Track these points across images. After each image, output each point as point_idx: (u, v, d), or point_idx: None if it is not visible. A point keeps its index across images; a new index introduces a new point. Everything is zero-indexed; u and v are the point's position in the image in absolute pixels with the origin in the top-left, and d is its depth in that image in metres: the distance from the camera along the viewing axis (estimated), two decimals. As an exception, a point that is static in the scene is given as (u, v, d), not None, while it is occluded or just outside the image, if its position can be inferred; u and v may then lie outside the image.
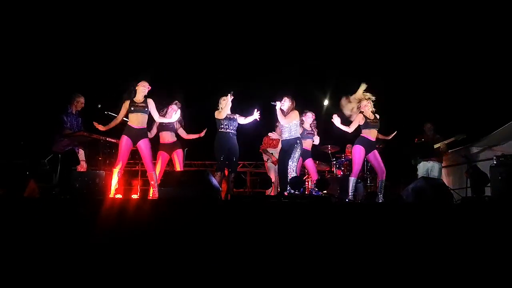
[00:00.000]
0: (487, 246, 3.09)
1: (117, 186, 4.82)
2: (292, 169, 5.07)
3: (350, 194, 5.09)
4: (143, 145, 4.90)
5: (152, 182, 4.97)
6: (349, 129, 5.18)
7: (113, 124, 4.99)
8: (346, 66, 8.47)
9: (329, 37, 8.51)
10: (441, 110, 7.56)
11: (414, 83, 8.21)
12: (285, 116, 5.24)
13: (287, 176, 5.05)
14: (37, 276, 2.91)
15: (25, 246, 3.06)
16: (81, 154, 5.58)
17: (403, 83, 8.15)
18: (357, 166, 5.09)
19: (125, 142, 4.84)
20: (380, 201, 4.98)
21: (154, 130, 5.45)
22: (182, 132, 5.61)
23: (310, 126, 5.93)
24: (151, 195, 5.04)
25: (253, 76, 8.64)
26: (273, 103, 5.26)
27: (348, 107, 5.26)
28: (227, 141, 5.22)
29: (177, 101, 5.49)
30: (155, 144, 5.42)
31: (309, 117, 5.91)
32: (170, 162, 5.54)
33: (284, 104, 5.27)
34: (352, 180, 5.09)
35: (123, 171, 4.89)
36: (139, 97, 4.99)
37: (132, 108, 4.91)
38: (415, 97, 8.03)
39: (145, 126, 5.02)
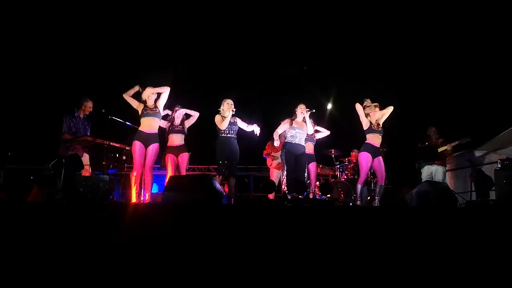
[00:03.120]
0: (492, 250, 3.07)
1: (137, 191, 4.86)
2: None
3: (358, 200, 5.25)
4: (151, 149, 4.91)
5: (147, 187, 4.95)
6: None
7: (131, 92, 5.04)
8: (348, 69, 8.46)
9: (331, 39, 8.47)
10: (445, 113, 7.54)
11: (417, 87, 8.18)
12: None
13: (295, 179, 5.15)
14: (40, 280, 2.92)
15: (29, 251, 3.07)
16: (86, 158, 5.59)
17: (406, 86, 8.13)
18: (364, 173, 5.22)
19: (138, 147, 4.86)
20: (376, 205, 5.13)
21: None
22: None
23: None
24: (147, 199, 5.00)
25: (252, 76, 8.64)
26: (311, 110, 5.56)
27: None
28: (227, 145, 5.29)
29: (178, 105, 5.49)
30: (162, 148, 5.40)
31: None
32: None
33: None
34: (359, 187, 5.26)
35: (140, 176, 4.89)
36: (150, 101, 5.03)
37: (145, 112, 4.94)
38: (419, 101, 8.00)
39: (156, 131, 5.04)
